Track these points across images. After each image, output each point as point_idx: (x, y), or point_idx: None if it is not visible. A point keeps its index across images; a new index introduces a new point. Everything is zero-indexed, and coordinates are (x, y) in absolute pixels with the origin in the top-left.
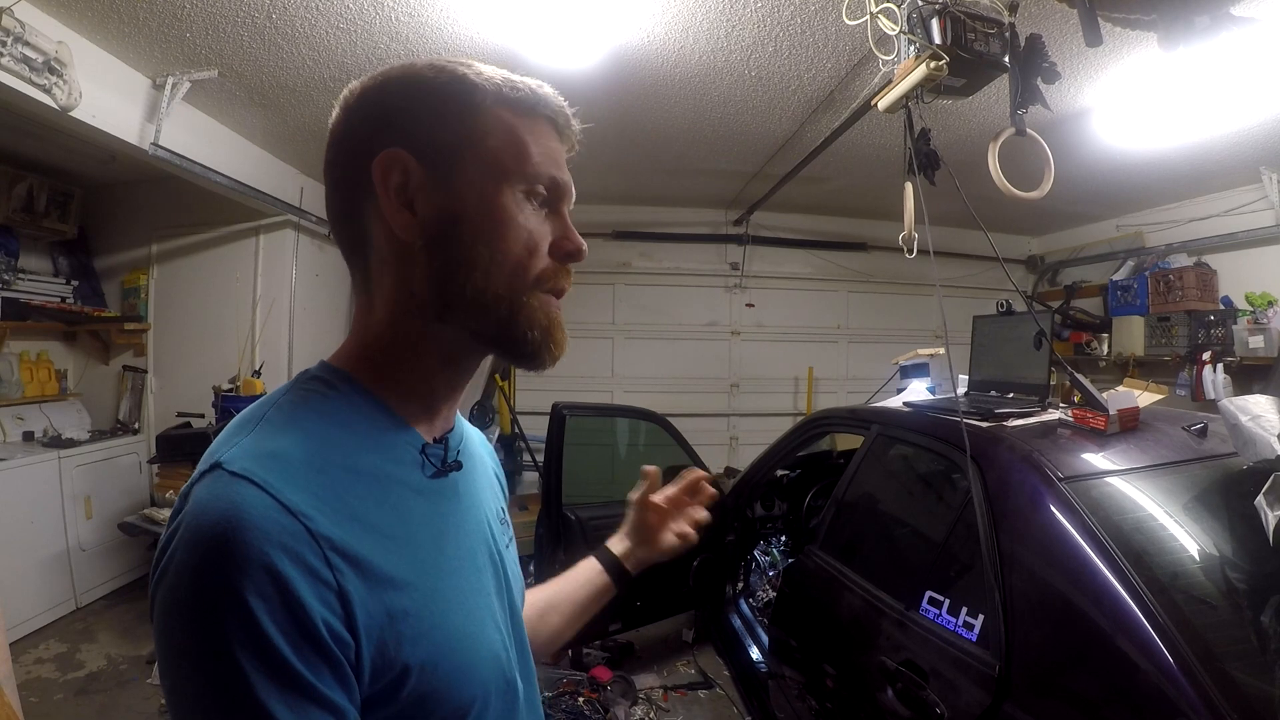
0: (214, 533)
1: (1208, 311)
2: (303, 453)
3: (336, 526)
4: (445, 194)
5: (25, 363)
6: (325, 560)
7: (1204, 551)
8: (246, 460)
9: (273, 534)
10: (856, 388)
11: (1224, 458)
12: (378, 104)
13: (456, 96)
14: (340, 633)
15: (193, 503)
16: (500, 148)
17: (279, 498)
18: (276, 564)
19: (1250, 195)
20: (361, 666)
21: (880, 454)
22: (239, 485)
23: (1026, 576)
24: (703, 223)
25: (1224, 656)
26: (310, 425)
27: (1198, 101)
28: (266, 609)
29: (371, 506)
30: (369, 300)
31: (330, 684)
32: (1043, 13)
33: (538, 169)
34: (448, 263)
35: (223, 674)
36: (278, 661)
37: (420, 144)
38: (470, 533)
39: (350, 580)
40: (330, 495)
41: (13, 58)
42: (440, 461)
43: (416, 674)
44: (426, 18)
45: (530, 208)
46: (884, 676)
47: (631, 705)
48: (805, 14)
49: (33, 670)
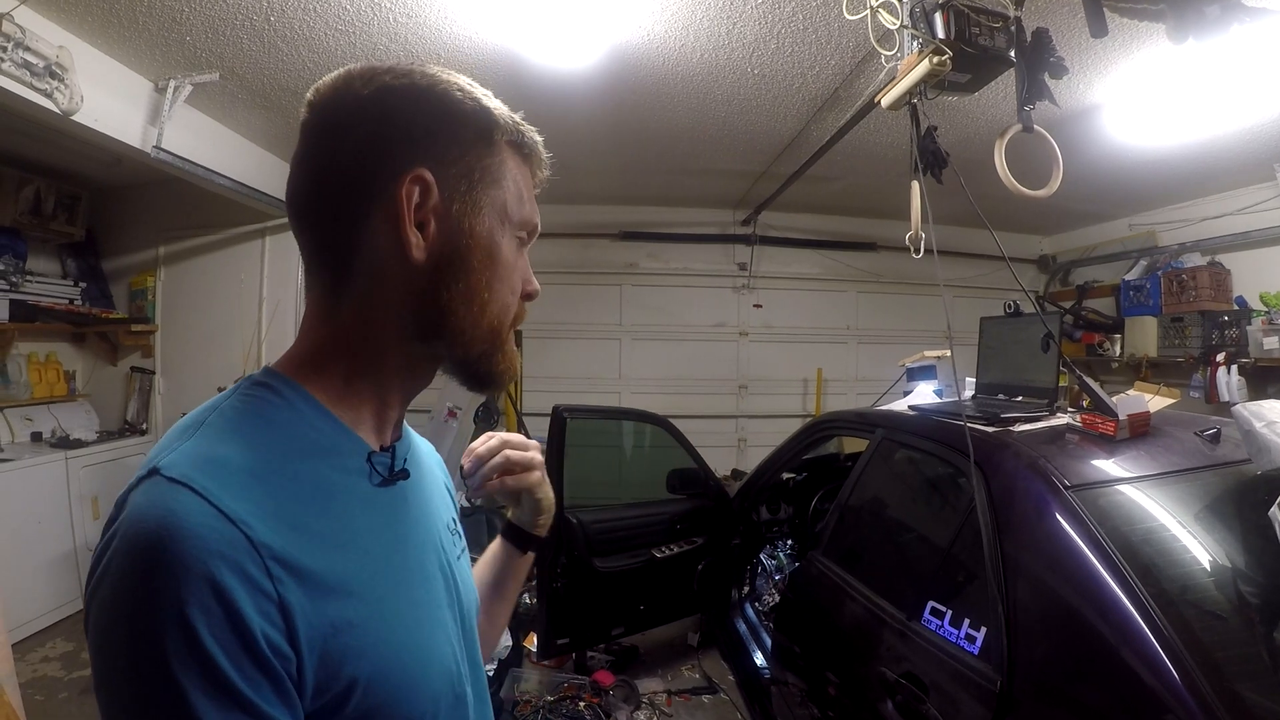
0: (150, 541)
1: (1222, 312)
2: (243, 459)
3: (278, 535)
4: (457, 224)
5: (34, 364)
6: (265, 570)
7: (1215, 563)
8: (185, 466)
9: (211, 543)
10: (866, 389)
11: (1237, 464)
12: (401, 113)
13: (480, 128)
14: (281, 646)
15: (129, 509)
16: (510, 191)
17: (218, 505)
18: (215, 574)
19: (1264, 193)
20: (304, 680)
21: (885, 459)
22: (176, 491)
23: (1031, 589)
24: (710, 223)
25: (1233, 675)
26: (252, 431)
27: (1210, 97)
28: (205, 621)
29: (315, 515)
30: (334, 305)
31: (271, 700)
32: (1049, 5)
33: (529, 217)
34: (448, 291)
35: (159, 689)
36: (217, 677)
37: (443, 169)
38: (420, 543)
39: (292, 591)
40: (271, 503)
41: (14, 63)
42: (387, 470)
43: (363, 688)
44: (424, 18)
45: (518, 248)
46: (884, 688)
47: (634, 710)
48: (806, 10)
49: (39, 669)
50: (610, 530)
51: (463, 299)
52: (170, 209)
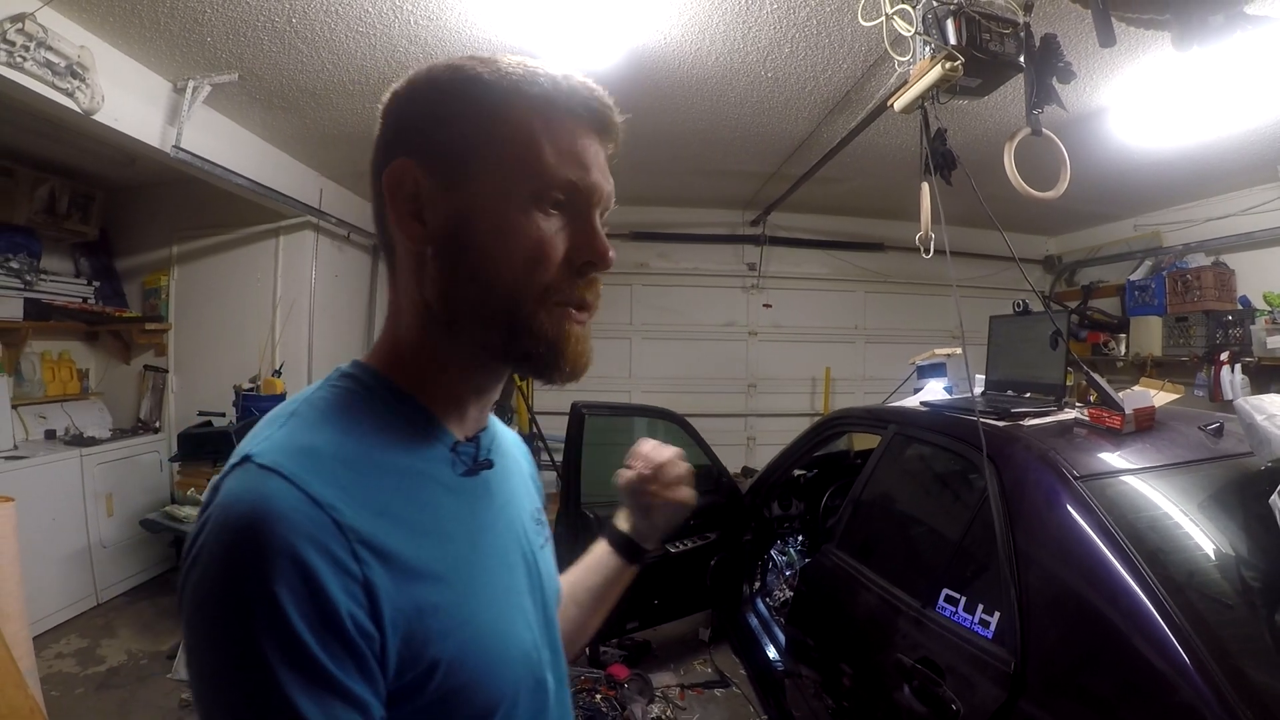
0: (242, 524)
1: (1225, 311)
2: (332, 447)
3: (364, 520)
4: (451, 203)
5: (47, 362)
6: (352, 553)
7: (1219, 550)
8: (276, 454)
9: (300, 525)
10: (874, 388)
11: (1239, 457)
12: (394, 112)
13: (467, 99)
14: (365, 625)
15: (222, 494)
16: (509, 150)
17: (307, 490)
18: (303, 555)
19: (1268, 194)
20: (387, 660)
21: (897, 453)
22: (268, 478)
23: (1042, 574)
24: (720, 223)
25: (1239, 655)
26: (341, 421)
27: (1214, 100)
28: (293, 600)
29: (401, 501)
30: (397, 303)
31: (354, 677)
32: (1057, 12)
33: (550, 171)
34: (453, 275)
35: (247, 664)
36: (302, 653)
37: (427, 153)
38: (502, 531)
39: (377, 573)
40: (359, 489)
41: (36, 62)
42: (471, 460)
43: (444, 669)
44: (445, 20)
45: (541, 214)
46: (900, 674)
47: (648, 703)
48: (821, 15)
49: (54, 665)
50: None
51: (468, 279)
52: (184, 208)
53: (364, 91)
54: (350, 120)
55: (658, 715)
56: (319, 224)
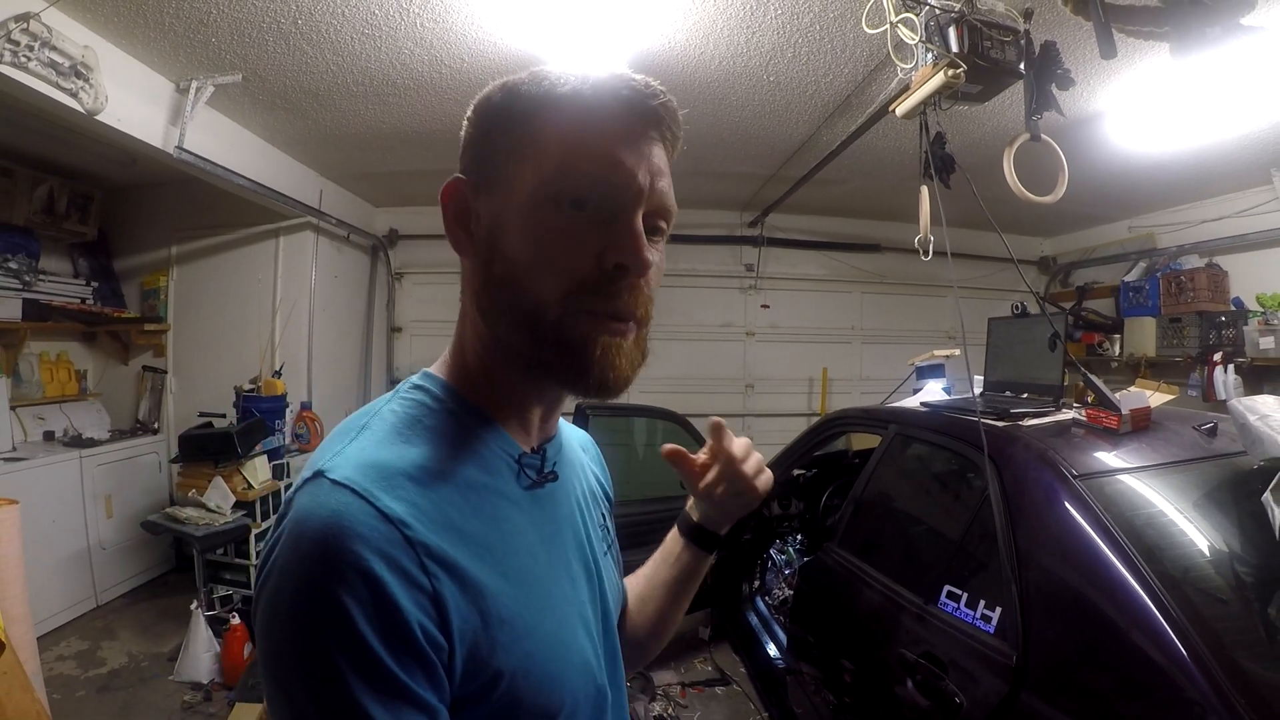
0: (315, 538)
1: (1219, 312)
2: (402, 463)
3: (433, 534)
4: (489, 212)
5: (45, 363)
6: (421, 566)
7: (1214, 547)
8: (347, 469)
9: (371, 540)
10: (870, 389)
11: (1233, 456)
12: (463, 133)
13: (504, 111)
14: (435, 635)
15: (295, 509)
16: (534, 153)
17: (378, 505)
18: (374, 568)
19: (1261, 196)
20: (454, 669)
21: (898, 453)
22: (340, 493)
23: (1042, 570)
24: (718, 225)
25: (1234, 647)
26: (410, 435)
27: (1208, 105)
28: (362, 612)
29: (468, 516)
30: (462, 315)
31: (423, 685)
32: (1057, 20)
33: (575, 169)
34: (492, 281)
35: (320, 672)
36: (373, 662)
37: (475, 168)
38: (565, 541)
39: (446, 586)
40: (428, 504)
41: (40, 62)
42: (536, 472)
43: (508, 679)
44: (451, 23)
45: (567, 214)
46: (903, 668)
47: (650, 701)
48: (825, 21)
49: (55, 667)
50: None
51: (500, 284)
52: (183, 209)
53: (366, 93)
54: (352, 121)
55: (659, 713)
56: (319, 225)
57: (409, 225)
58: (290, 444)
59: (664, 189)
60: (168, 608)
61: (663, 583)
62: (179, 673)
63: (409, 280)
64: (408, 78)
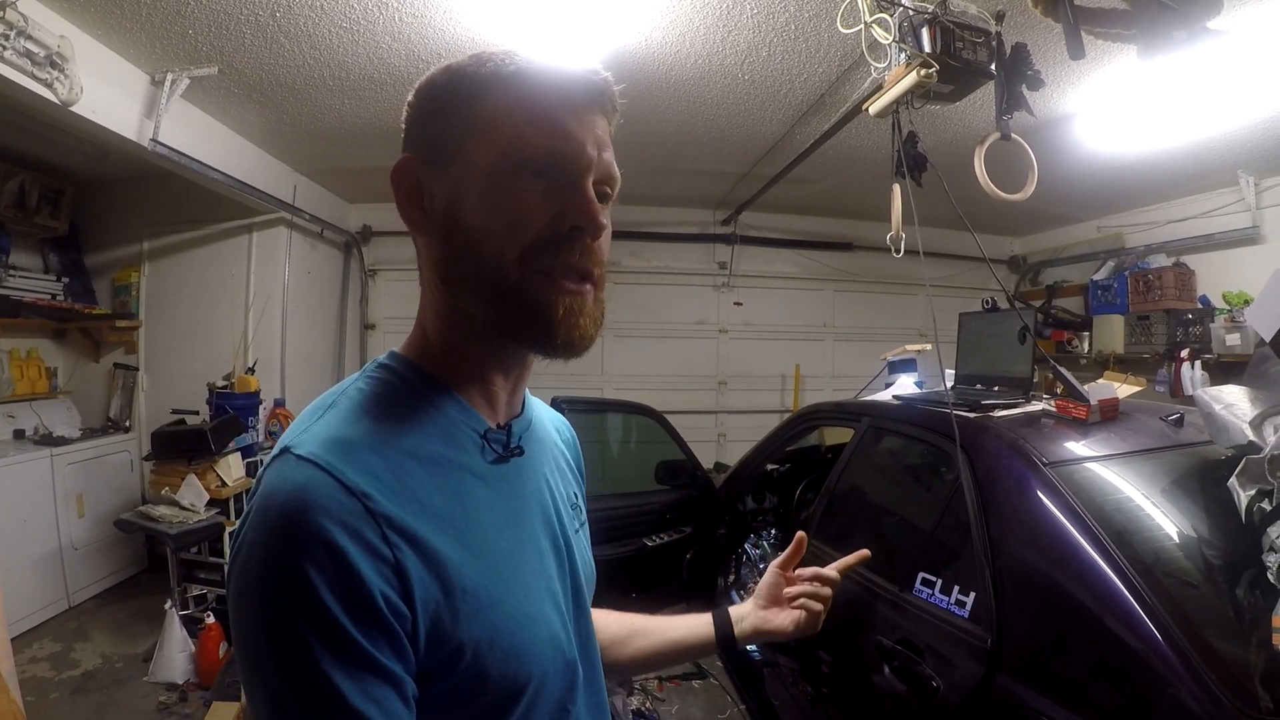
0: (280, 511)
1: (1186, 310)
2: (365, 438)
3: (396, 506)
4: (444, 188)
5: (15, 360)
6: (383, 537)
7: (1182, 531)
8: (312, 445)
9: (334, 511)
10: (842, 385)
11: (1199, 445)
12: (407, 118)
13: (453, 91)
14: (398, 605)
15: (263, 485)
16: (488, 128)
17: (341, 478)
18: (337, 540)
19: (1228, 197)
20: (418, 640)
21: (871, 445)
22: (304, 467)
23: (1014, 555)
24: (691, 222)
25: (1204, 626)
26: (375, 412)
27: (1177, 107)
28: (325, 582)
29: (431, 489)
30: (423, 294)
31: (388, 654)
32: (1028, 22)
33: (529, 141)
34: (451, 253)
35: (285, 642)
36: (337, 631)
37: (425, 147)
38: (533, 516)
39: (408, 557)
40: (390, 477)
41: (15, 51)
42: (502, 447)
43: (472, 650)
44: (429, 19)
45: (518, 183)
46: (880, 655)
47: (628, 695)
48: (800, 20)
49: (28, 670)
50: (604, 519)
51: (461, 254)
52: (155, 204)
53: (343, 87)
54: (327, 116)
55: (637, 707)
56: (293, 221)
57: (383, 222)
58: (264, 441)
59: (609, 159)
60: (141, 608)
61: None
62: (154, 673)
63: (382, 277)
64: (385, 73)
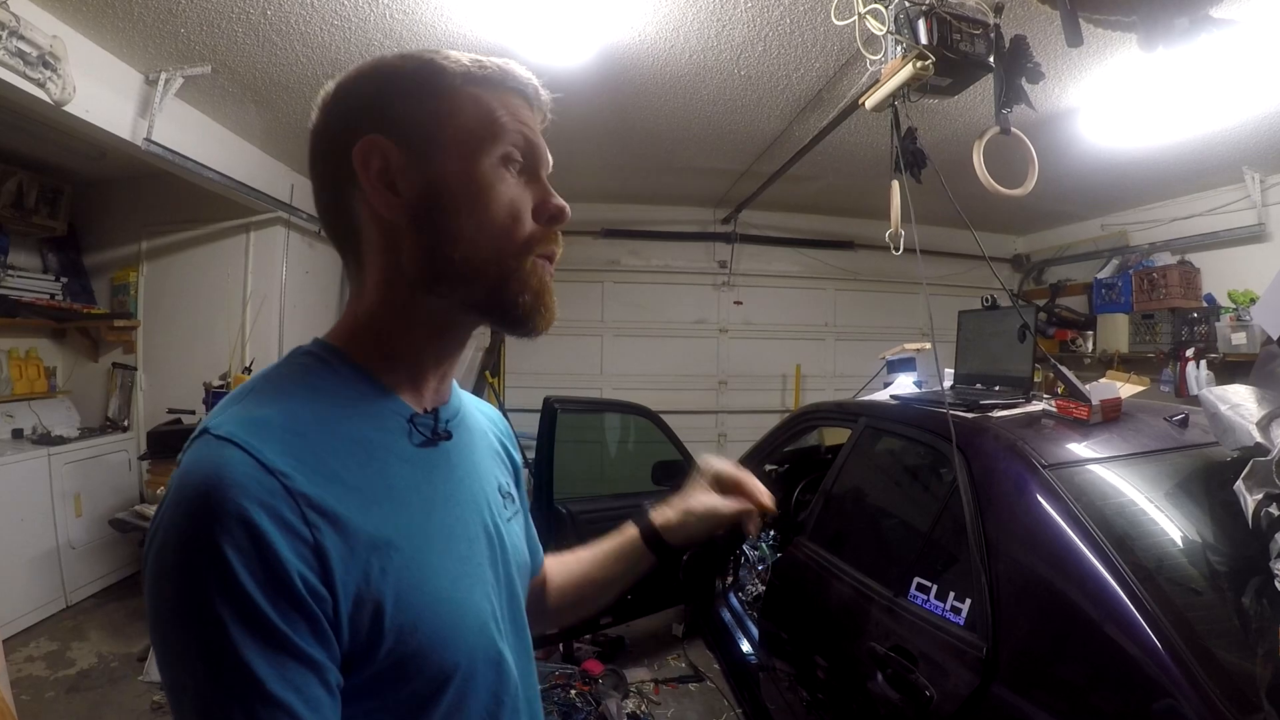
0: (197, 490)
1: (1191, 309)
2: (285, 418)
3: (315, 485)
4: (425, 172)
5: (14, 360)
6: (302, 516)
7: (1186, 536)
8: (231, 425)
9: (251, 490)
10: (843, 384)
11: (1204, 447)
12: (354, 95)
13: (426, 79)
14: (317, 588)
15: (181, 466)
16: (473, 121)
17: (258, 457)
18: (252, 517)
19: (1233, 195)
20: (340, 623)
21: (868, 446)
22: (222, 447)
23: (1012, 561)
24: (691, 221)
25: (1207, 636)
26: (296, 393)
27: (1181, 102)
28: (241, 560)
29: (354, 469)
30: (360, 283)
31: (309, 639)
32: (1027, 14)
33: (511, 135)
34: (435, 236)
35: (202, 625)
36: (255, 614)
37: (396, 128)
38: (462, 502)
39: (328, 537)
40: (311, 457)
41: (7, 51)
42: (429, 431)
43: (394, 635)
44: (421, 15)
45: (509, 175)
46: (874, 662)
47: (623, 698)
48: (794, 14)
49: (23, 669)
50: (599, 520)
51: (450, 240)
52: (153, 204)
53: None
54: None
55: (632, 710)
56: (290, 220)
57: None
58: None
59: None
60: (138, 608)
61: (598, 566)
62: (149, 673)
63: None
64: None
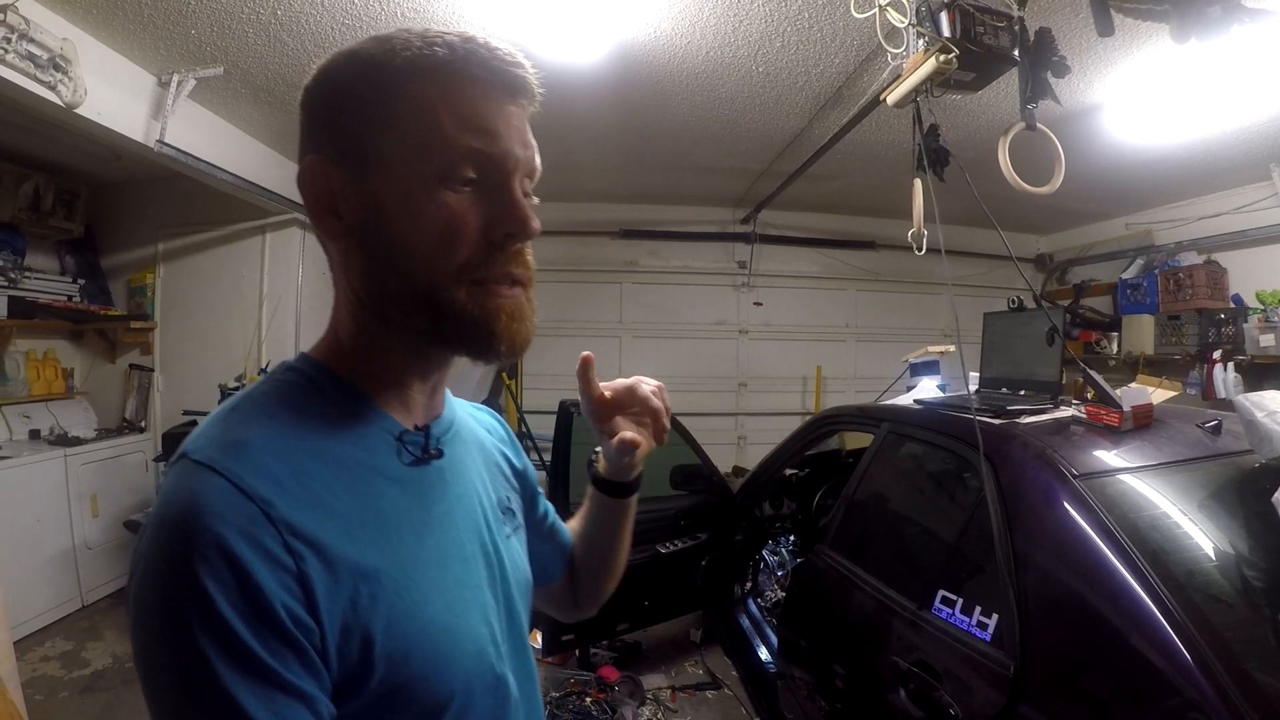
0: (176, 519)
1: (1218, 310)
2: (267, 440)
3: (298, 512)
4: (361, 194)
5: (32, 361)
6: (284, 545)
7: (1220, 549)
8: (210, 449)
9: (231, 518)
10: (865, 387)
11: (1239, 455)
12: (308, 105)
13: (365, 83)
14: (302, 618)
15: (161, 493)
16: (408, 129)
17: (238, 484)
18: (232, 547)
19: (1260, 192)
20: (328, 653)
21: (891, 452)
22: (201, 473)
23: (1041, 575)
24: (710, 221)
25: (1243, 655)
26: (278, 413)
27: (1209, 97)
28: (222, 592)
29: (340, 493)
30: (336, 296)
31: (298, 671)
32: (1052, 5)
33: (453, 143)
34: (374, 265)
35: (185, 660)
36: (238, 647)
37: (335, 144)
38: (457, 522)
39: (312, 565)
40: (293, 482)
41: (18, 54)
42: (420, 449)
43: (386, 664)
44: (432, 12)
45: (448, 190)
46: (896, 677)
47: (639, 706)
48: (813, 8)
49: (38, 668)
50: None
51: (386, 268)
52: (169, 205)
53: None
54: None
55: (649, 718)
56: (306, 220)
57: None
58: None
59: (533, 154)
60: None
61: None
62: None
63: None
64: None
